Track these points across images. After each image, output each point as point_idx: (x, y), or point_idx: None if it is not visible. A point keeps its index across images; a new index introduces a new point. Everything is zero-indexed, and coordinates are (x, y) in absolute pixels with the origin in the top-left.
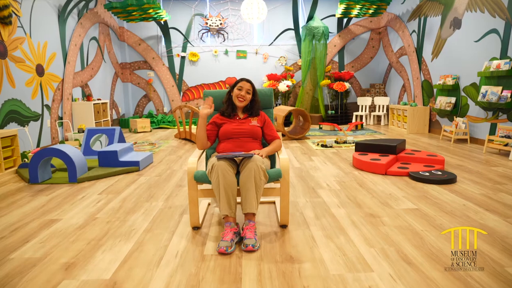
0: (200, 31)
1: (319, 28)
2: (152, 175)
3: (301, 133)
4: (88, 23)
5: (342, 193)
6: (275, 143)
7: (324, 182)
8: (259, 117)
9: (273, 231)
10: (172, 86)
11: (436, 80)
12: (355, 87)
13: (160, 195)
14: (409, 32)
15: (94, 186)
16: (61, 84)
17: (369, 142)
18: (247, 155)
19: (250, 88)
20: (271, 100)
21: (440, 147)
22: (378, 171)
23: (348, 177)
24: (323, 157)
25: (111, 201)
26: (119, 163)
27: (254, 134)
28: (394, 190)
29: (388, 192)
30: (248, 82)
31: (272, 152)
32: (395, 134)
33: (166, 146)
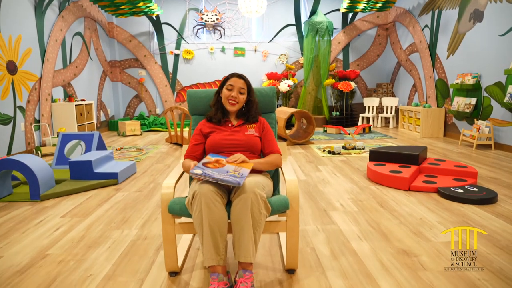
0: (195, 27)
1: (323, 23)
2: (131, 189)
3: (304, 137)
4: (71, 16)
5: (361, 217)
6: (272, 157)
7: (337, 200)
8: (258, 123)
9: (276, 279)
10: (165, 86)
11: (452, 79)
12: (361, 87)
13: (136, 219)
14: (421, 27)
15: (59, 206)
16: (39, 83)
17: (386, 150)
18: (234, 182)
19: (244, 86)
20: (273, 102)
21: (461, 154)
22: (400, 186)
23: (364, 193)
24: (331, 167)
25: (73, 228)
26: (94, 175)
27: (252, 147)
28: (425, 212)
29: (418, 216)
30: (240, 78)
31: (265, 167)
32: (407, 138)
33: (155, 152)
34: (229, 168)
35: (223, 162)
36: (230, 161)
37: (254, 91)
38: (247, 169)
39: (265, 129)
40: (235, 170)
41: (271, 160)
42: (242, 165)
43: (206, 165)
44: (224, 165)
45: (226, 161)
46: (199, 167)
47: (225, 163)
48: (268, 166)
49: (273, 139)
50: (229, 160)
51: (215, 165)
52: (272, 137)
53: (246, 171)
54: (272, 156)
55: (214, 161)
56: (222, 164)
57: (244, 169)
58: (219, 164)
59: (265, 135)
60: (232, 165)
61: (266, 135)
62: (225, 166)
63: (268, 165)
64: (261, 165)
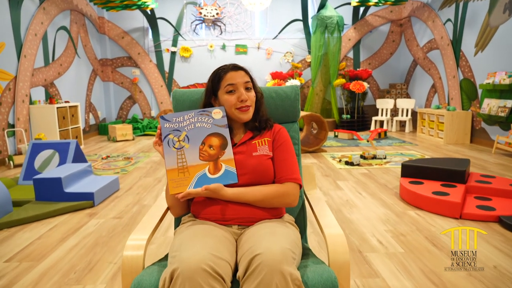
0: (193, 22)
1: (332, 18)
2: (109, 215)
3: (315, 144)
4: (55, 9)
5: (412, 264)
6: (284, 188)
7: (372, 235)
8: (270, 132)
9: None
10: (161, 86)
11: (481, 78)
12: (373, 87)
13: (105, 267)
14: (442, 21)
15: (10, 241)
16: (13, 82)
17: (423, 164)
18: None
19: (247, 78)
20: (296, 108)
21: (502, 166)
22: (449, 213)
23: (404, 223)
24: (353, 182)
25: (16, 281)
26: (64, 195)
27: (262, 176)
28: (495, 255)
29: (491, 263)
30: (238, 70)
31: (268, 203)
32: (429, 145)
33: (145, 162)
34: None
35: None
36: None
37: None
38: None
39: (281, 142)
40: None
41: (282, 193)
42: (218, 164)
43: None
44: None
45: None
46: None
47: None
48: (273, 202)
49: (289, 159)
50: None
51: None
52: (289, 156)
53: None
54: (284, 187)
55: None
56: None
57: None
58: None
59: (279, 152)
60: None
61: (281, 151)
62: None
63: (274, 201)
64: (261, 199)
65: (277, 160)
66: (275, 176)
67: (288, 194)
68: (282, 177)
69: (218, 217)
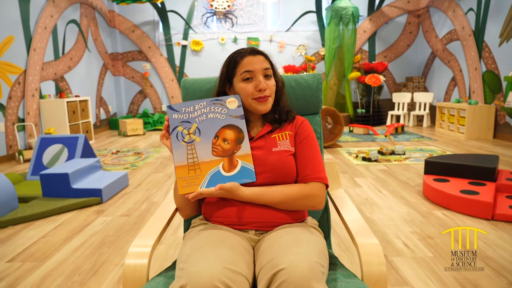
0: (204, 15)
1: (347, 9)
2: (117, 212)
3: (330, 139)
4: (64, 2)
5: (448, 275)
6: (309, 188)
7: (396, 236)
8: (292, 124)
9: None
10: (172, 80)
11: (506, 71)
12: (388, 81)
13: (112, 268)
14: (463, 11)
15: (15, 239)
16: (23, 76)
17: (449, 160)
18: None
19: (267, 64)
20: (319, 97)
21: None
22: (479, 214)
23: (430, 224)
24: (372, 179)
25: (17, 283)
26: (71, 192)
27: (284, 173)
28: None
29: None
30: (257, 54)
31: (291, 206)
32: (450, 140)
33: (155, 158)
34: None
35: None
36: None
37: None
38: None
39: (304, 136)
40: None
41: (306, 194)
42: (234, 161)
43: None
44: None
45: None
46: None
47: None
48: (296, 204)
49: (314, 156)
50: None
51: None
52: (314, 152)
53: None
54: (309, 187)
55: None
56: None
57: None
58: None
59: (303, 147)
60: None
61: (305, 147)
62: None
63: (297, 203)
64: (283, 201)
65: (300, 157)
66: (298, 175)
67: (314, 196)
68: (306, 176)
69: (233, 221)
